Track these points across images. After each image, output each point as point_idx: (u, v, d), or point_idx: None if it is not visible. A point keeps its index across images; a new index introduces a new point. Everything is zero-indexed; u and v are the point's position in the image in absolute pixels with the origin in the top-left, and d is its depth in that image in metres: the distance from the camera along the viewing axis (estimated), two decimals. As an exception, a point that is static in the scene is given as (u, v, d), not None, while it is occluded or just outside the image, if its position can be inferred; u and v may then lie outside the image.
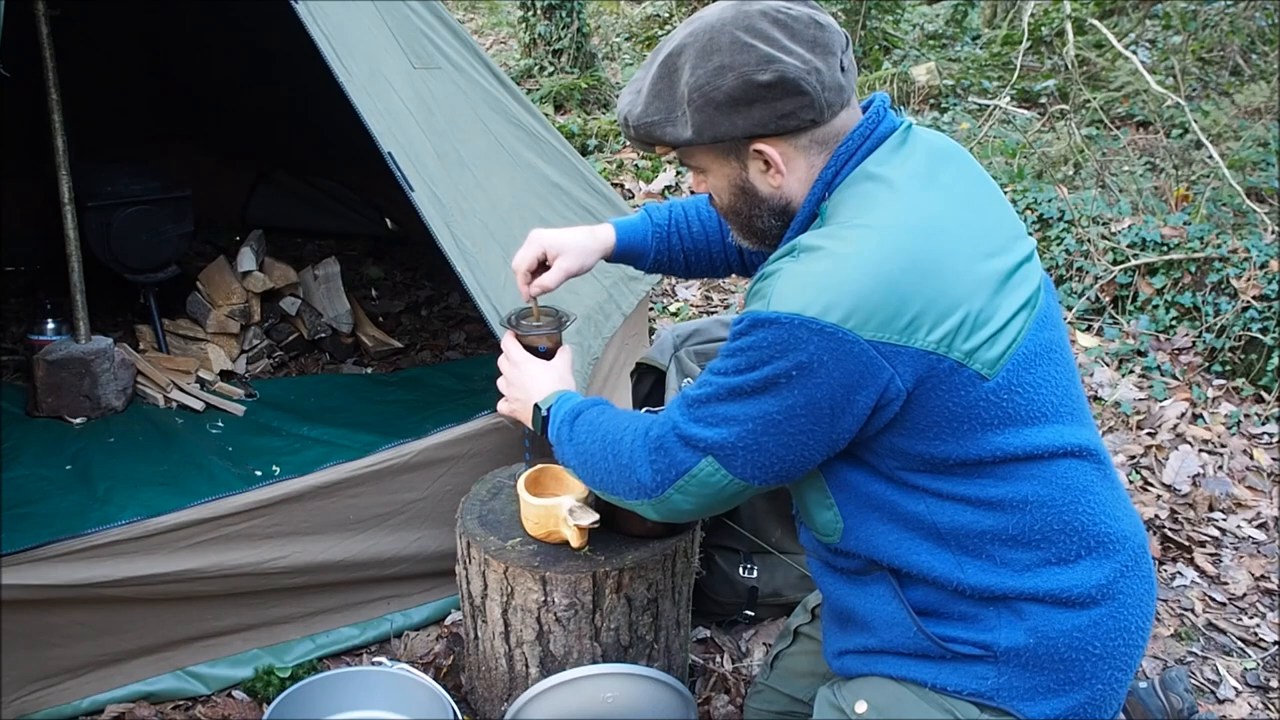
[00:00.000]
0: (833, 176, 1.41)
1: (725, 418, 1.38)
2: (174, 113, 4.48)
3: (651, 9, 8.95)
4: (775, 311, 1.31)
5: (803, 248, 1.36)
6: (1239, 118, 5.13)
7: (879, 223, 1.34)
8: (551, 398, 1.70)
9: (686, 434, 1.41)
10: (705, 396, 1.40)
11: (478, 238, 2.66)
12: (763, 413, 1.35)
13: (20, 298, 3.66)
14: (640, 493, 1.49)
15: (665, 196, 5.44)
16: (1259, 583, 2.83)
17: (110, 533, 2.17)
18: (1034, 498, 1.38)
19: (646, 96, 1.44)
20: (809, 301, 1.29)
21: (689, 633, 2.30)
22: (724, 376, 1.38)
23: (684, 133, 1.41)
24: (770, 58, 1.34)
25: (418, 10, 2.92)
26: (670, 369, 2.69)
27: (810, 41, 1.36)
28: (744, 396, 1.35)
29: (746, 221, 1.51)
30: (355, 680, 2.10)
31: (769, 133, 1.39)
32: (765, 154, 1.41)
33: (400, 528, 2.50)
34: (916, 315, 1.29)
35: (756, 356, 1.33)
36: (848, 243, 1.32)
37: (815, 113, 1.37)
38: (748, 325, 1.35)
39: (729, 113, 1.37)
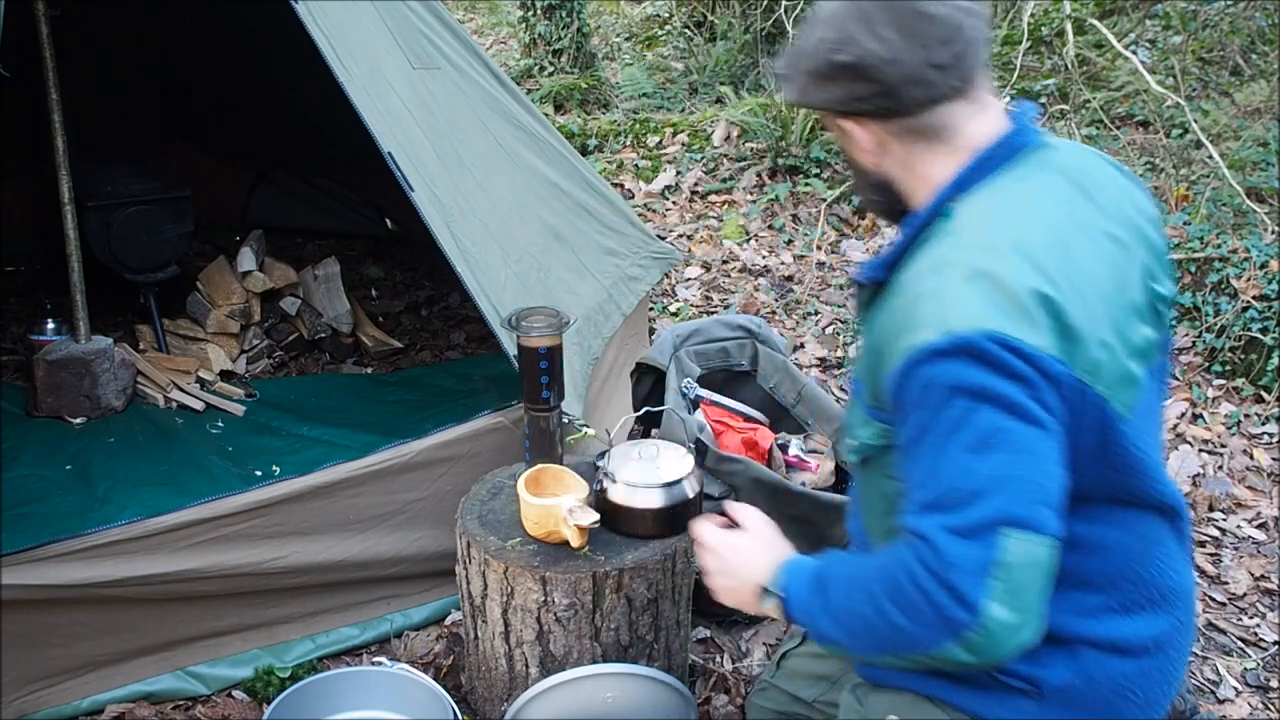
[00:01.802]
0: (966, 179, 1.35)
1: (992, 475, 1.20)
2: (174, 113, 4.47)
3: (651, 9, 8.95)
4: (953, 332, 1.20)
5: (950, 264, 1.27)
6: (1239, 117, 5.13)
7: (1027, 247, 1.27)
8: (778, 574, 1.45)
9: (964, 527, 1.20)
10: (949, 475, 1.22)
11: (478, 238, 2.66)
12: (1025, 438, 1.20)
13: (20, 298, 3.66)
14: (951, 628, 1.21)
15: (665, 196, 5.44)
16: (1259, 583, 2.82)
17: (110, 533, 2.17)
18: (1113, 544, 1.36)
19: (787, 55, 1.44)
20: (989, 316, 1.20)
21: (689, 633, 2.30)
22: (954, 437, 1.21)
23: (793, 94, 1.42)
24: (850, 40, 1.31)
25: (417, 10, 2.92)
26: (670, 369, 2.69)
27: (903, 30, 1.30)
28: (996, 435, 1.20)
29: (860, 189, 1.51)
30: (355, 680, 2.10)
31: (851, 111, 1.37)
32: (849, 131, 1.39)
33: (400, 528, 2.49)
34: (1074, 345, 1.24)
35: (972, 385, 1.20)
36: (1003, 262, 1.25)
37: (891, 102, 1.33)
38: (929, 361, 1.22)
39: (816, 85, 1.37)
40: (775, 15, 6.41)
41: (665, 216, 5.28)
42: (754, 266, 4.74)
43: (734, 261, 4.79)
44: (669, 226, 5.16)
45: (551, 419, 2.27)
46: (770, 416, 2.83)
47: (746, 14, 7.09)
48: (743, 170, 5.54)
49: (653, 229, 4.47)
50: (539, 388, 2.24)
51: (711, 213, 5.30)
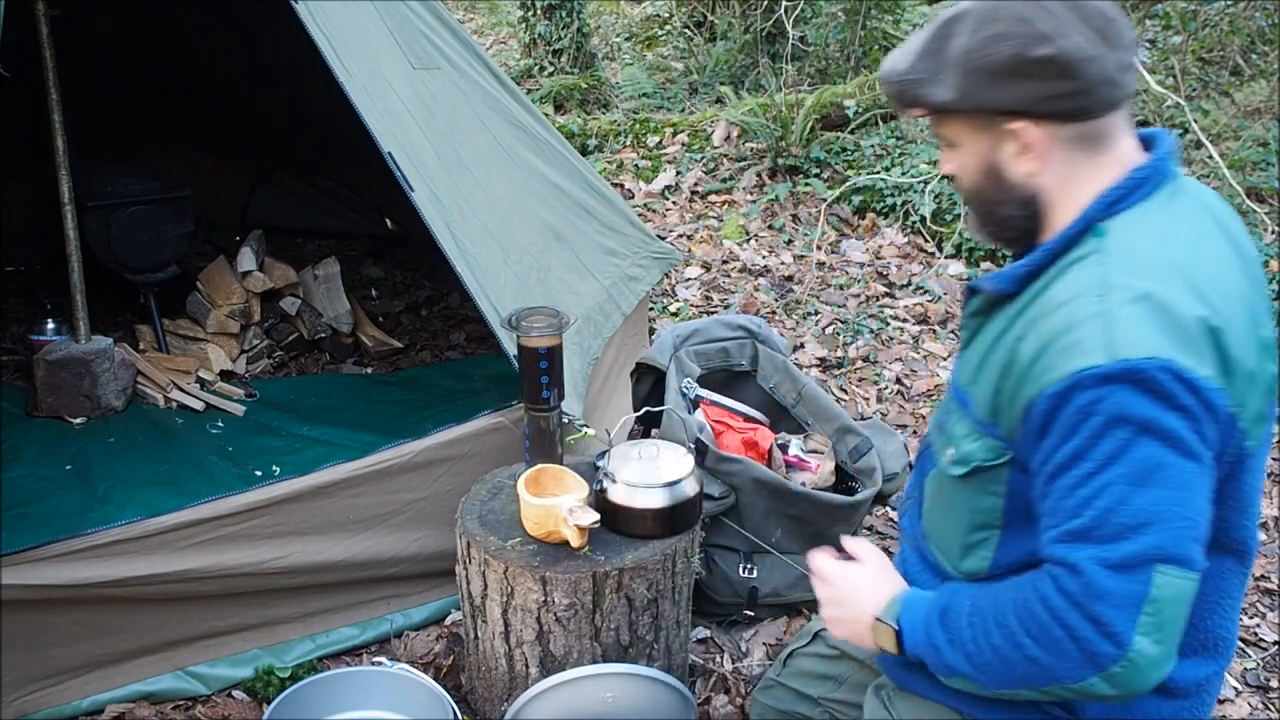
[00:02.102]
0: (1118, 199, 1.30)
1: (1150, 509, 1.18)
2: (174, 113, 4.47)
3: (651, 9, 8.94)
4: (1125, 358, 1.17)
5: (1114, 286, 1.22)
6: (1239, 117, 5.12)
7: (1187, 273, 1.24)
8: (893, 606, 1.42)
9: (1118, 561, 1.18)
10: (1105, 508, 1.19)
11: (478, 238, 2.66)
12: (1184, 472, 1.19)
13: (20, 298, 3.66)
14: (1096, 662, 1.20)
15: (665, 196, 5.44)
16: (1259, 583, 2.82)
17: (110, 533, 2.17)
18: None
19: (914, 56, 1.35)
20: (1160, 343, 1.17)
21: (689, 633, 2.30)
22: (1112, 467, 1.19)
23: (944, 95, 1.32)
24: (1050, 34, 1.25)
25: (417, 10, 2.92)
26: (670, 369, 2.69)
27: (1097, 29, 1.27)
28: (1156, 469, 1.18)
29: (988, 208, 1.40)
30: (355, 680, 2.10)
31: (1033, 113, 1.29)
32: (1023, 135, 1.31)
33: (400, 528, 2.49)
34: (1231, 377, 1.23)
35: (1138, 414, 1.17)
36: (1166, 286, 1.22)
37: (1085, 102, 1.28)
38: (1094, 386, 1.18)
39: (996, 82, 1.29)
40: (775, 15, 6.41)
41: (665, 216, 5.28)
42: (754, 266, 4.74)
43: (734, 261, 4.79)
44: (669, 226, 5.16)
45: (551, 419, 2.27)
46: (770, 416, 2.83)
47: (746, 14, 7.09)
48: (743, 170, 5.54)
49: (653, 229, 4.47)
50: (539, 388, 2.24)
51: (711, 213, 5.30)
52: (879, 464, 2.61)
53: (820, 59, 6.68)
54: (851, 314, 4.31)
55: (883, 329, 4.21)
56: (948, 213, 4.80)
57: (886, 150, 5.33)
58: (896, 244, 4.89)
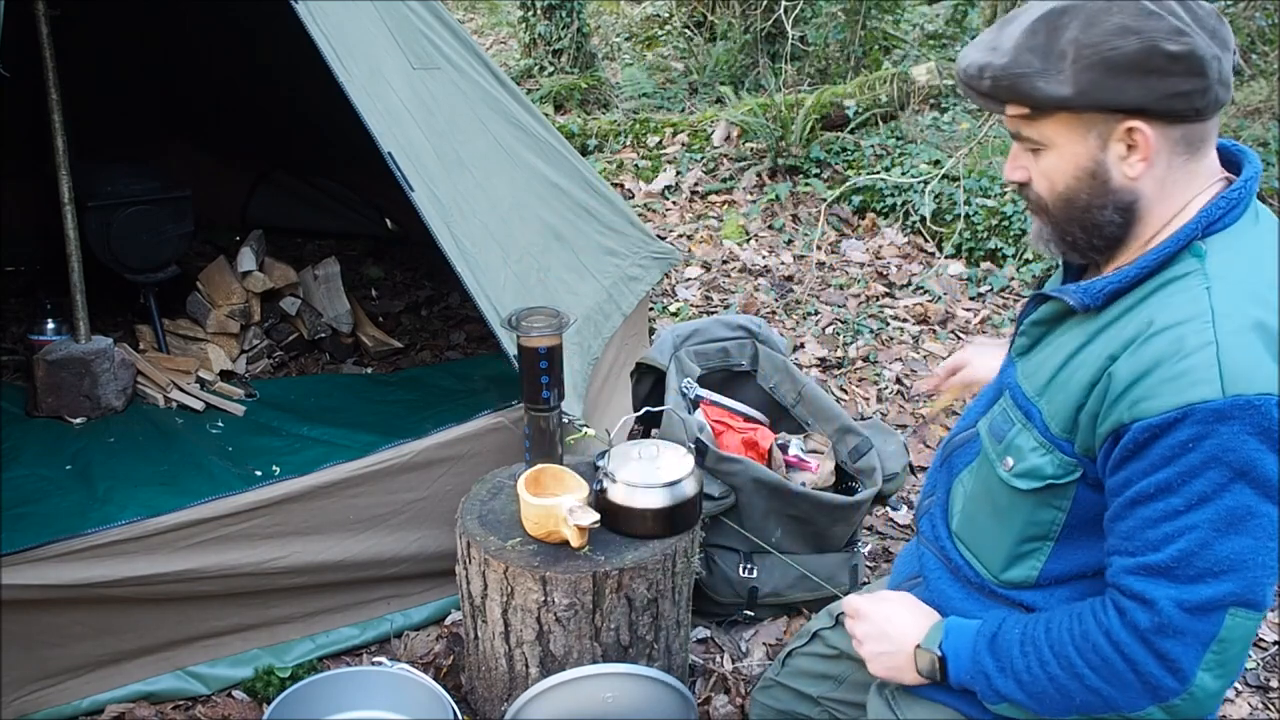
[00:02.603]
0: (1217, 218, 1.26)
1: (1234, 557, 1.17)
2: (174, 113, 4.47)
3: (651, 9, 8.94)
4: (1240, 394, 1.14)
5: (1223, 314, 1.19)
6: (1238, 117, 5.12)
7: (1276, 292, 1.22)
8: (936, 633, 1.42)
9: (1195, 603, 1.19)
10: (1190, 548, 1.19)
11: (477, 238, 2.66)
12: (1267, 530, 1.17)
13: (20, 298, 3.66)
14: (1157, 695, 1.23)
15: (665, 196, 5.44)
16: (1259, 583, 2.82)
17: (110, 533, 2.17)
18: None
19: (1014, 49, 1.26)
20: (1268, 377, 1.14)
21: (689, 633, 2.30)
22: (1201, 509, 1.17)
23: (1061, 90, 1.24)
24: (1181, 30, 1.21)
25: (417, 10, 2.92)
26: (670, 369, 2.69)
27: (1211, 30, 1.24)
28: (1245, 518, 1.16)
29: (1080, 214, 1.31)
30: (355, 680, 2.10)
31: (1154, 111, 1.23)
32: (1139, 134, 1.24)
33: (400, 528, 2.49)
34: None
35: (1239, 458, 1.15)
36: (1272, 312, 1.19)
37: (1205, 102, 1.23)
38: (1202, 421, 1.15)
39: (1122, 77, 1.21)
40: (775, 15, 6.42)
41: (665, 216, 5.28)
42: (754, 266, 4.74)
43: (734, 261, 4.79)
44: (669, 226, 5.16)
45: (551, 419, 2.27)
46: (770, 416, 2.83)
47: (746, 14, 7.09)
48: (743, 170, 5.54)
49: (653, 229, 4.47)
50: (539, 388, 2.24)
51: (711, 213, 5.30)
52: (879, 464, 2.61)
53: (820, 59, 6.68)
54: (851, 314, 4.31)
55: (883, 329, 4.21)
56: (947, 213, 4.80)
57: (886, 150, 5.33)
58: (896, 244, 4.89)
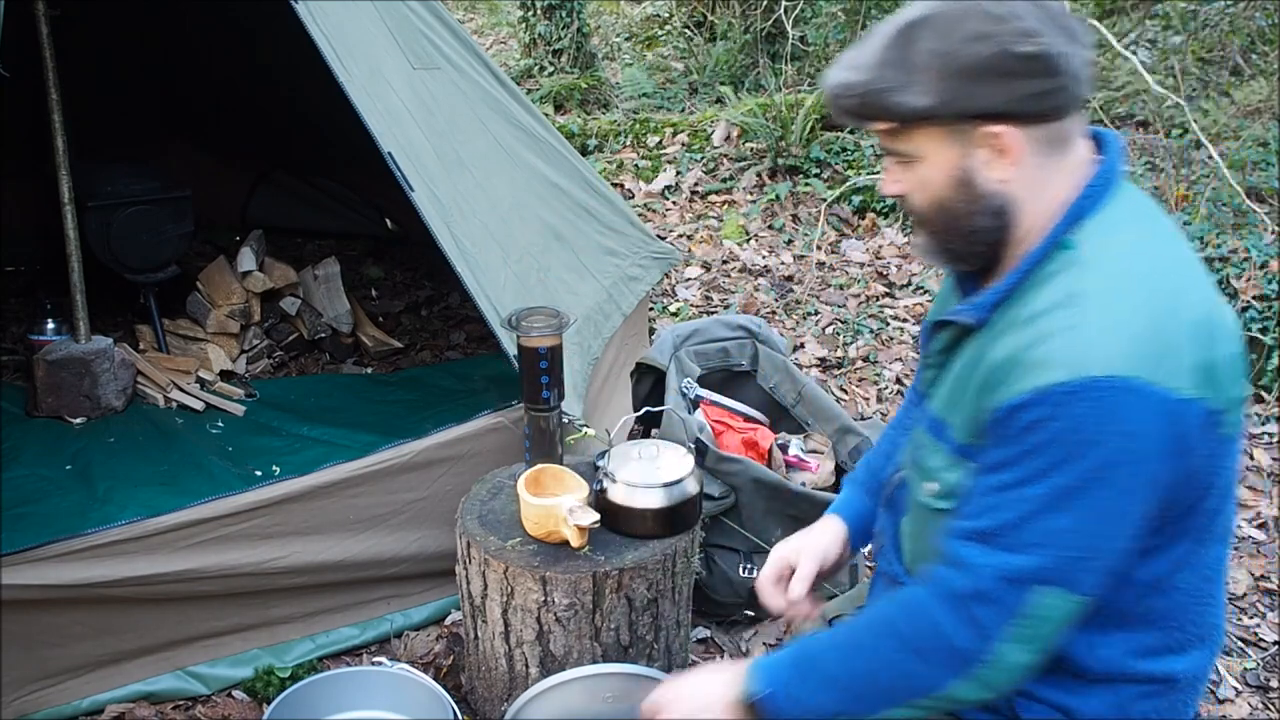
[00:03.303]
0: (1085, 209, 1.28)
1: (1057, 531, 1.19)
2: (174, 113, 4.48)
3: (651, 9, 8.95)
4: (1091, 377, 1.15)
5: (1086, 296, 1.20)
6: (1239, 117, 5.13)
7: (1154, 270, 1.23)
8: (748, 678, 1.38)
9: (1009, 570, 1.20)
10: (1017, 518, 1.20)
11: (477, 238, 2.66)
12: (1106, 507, 1.18)
13: (20, 298, 3.66)
14: (959, 665, 1.24)
15: (665, 196, 5.44)
16: (1259, 583, 2.82)
17: (110, 533, 2.17)
18: (1182, 584, 1.33)
19: (873, 65, 1.28)
20: (1129, 358, 1.15)
21: (689, 633, 2.30)
22: (1035, 485, 1.19)
23: (920, 101, 1.25)
24: (1032, 31, 1.22)
25: (417, 10, 2.92)
26: (670, 369, 2.69)
27: (1063, 27, 1.25)
28: (1076, 495, 1.18)
29: (955, 221, 1.33)
30: (355, 680, 2.10)
31: (1015, 113, 1.25)
32: (1002, 139, 1.26)
33: (400, 528, 2.49)
34: (1212, 371, 1.20)
35: (1079, 438, 1.16)
36: (1136, 292, 1.21)
37: (1064, 100, 1.25)
38: (1053, 406, 1.16)
39: (978, 82, 1.23)
40: (775, 15, 6.42)
41: (665, 216, 5.28)
42: (754, 266, 4.74)
43: (734, 261, 4.79)
44: (669, 226, 5.16)
45: (551, 419, 2.27)
46: (770, 416, 2.83)
47: (746, 14, 7.09)
48: (743, 170, 5.54)
49: (653, 229, 4.47)
50: (539, 388, 2.24)
51: (711, 213, 5.30)
52: (879, 464, 2.60)
53: (820, 59, 6.67)
54: (851, 314, 4.31)
55: (883, 329, 4.21)
56: (948, 213, 4.80)
57: (886, 150, 5.33)
58: (896, 244, 4.89)
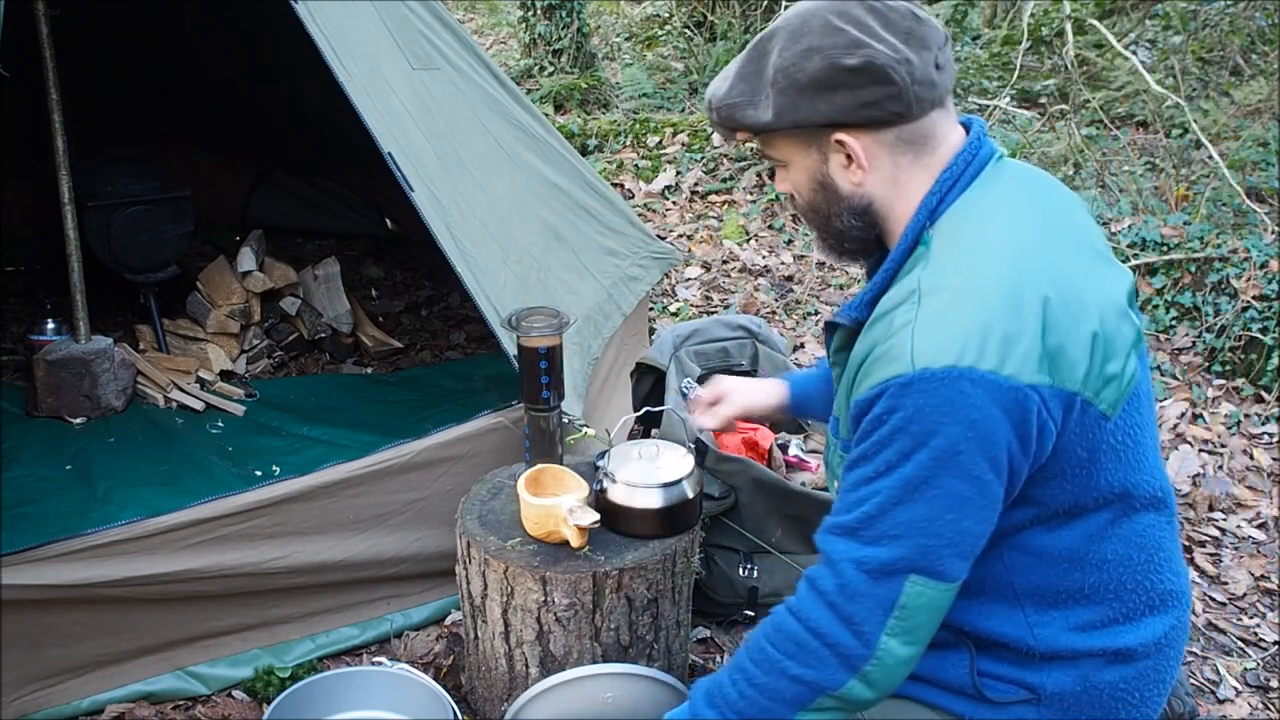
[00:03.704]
0: (937, 203, 1.33)
1: (911, 521, 1.23)
2: (174, 113, 4.48)
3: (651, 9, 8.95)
4: (924, 368, 1.19)
5: (925, 291, 1.25)
6: (1239, 117, 5.13)
7: (1001, 255, 1.26)
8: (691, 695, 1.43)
9: (873, 564, 1.25)
10: (874, 510, 1.25)
11: (477, 238, 2.66)
12: (953, 493, 1.21)
13: (20, 298, 3.66)
14: (850, 664, 1.28)
15: (665, 196, 5.44)
16: (1259, 583, 2.82)
17: (110, 533, 2.17)
18: (1113, 556, 1.36)
19: (733, 79, 1.38)
20: (963, 348, 1.18)
21: (689, 633, 2.30)
22: (885, 477, 1.23)
23: (764, 115, 1.33)
24: (859, 42, 1.28)
25: (417, 11, 2.92)
26: (670, 369, 2.69)
27: (905, 33, 1.30)
28: (924, 485, 1.22)
29: (825, 221, 1.41)
30: (355, 680, 2.10)
31: (852, 122, 1.31)
32: (847, 145, 1.32)
33: (400, 528, 2.49)
34: (1059, 354, 1.22)
35: (919, 429, 1.20)
36: (976, 278, 1.24)
37: (902, 105, 1.30)
38: (893, 398, 1.21)
39: (811, 96, 1.30)
40: (775, 15, 6.41)
41: (665, 216, 5.28)
42: (754, 266, 4.74)
43: (734, 261, 4.79)
44: (669, 226, 5.16)
45: (551, 419, 2.27)
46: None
47: (746, 14, 7.09)
48: (743, 170, 5.54)
49: (653, 229, 4.47)
50: (539, 388, 2.24)
51: (711, 213, 5.30)
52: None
53: (820, 59, 6.67)
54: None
55: (883, 329, 4.20)
56: (948, 213, 4.79)
57: (886, 150, 5.33)
58: (896, 244, 4.89)
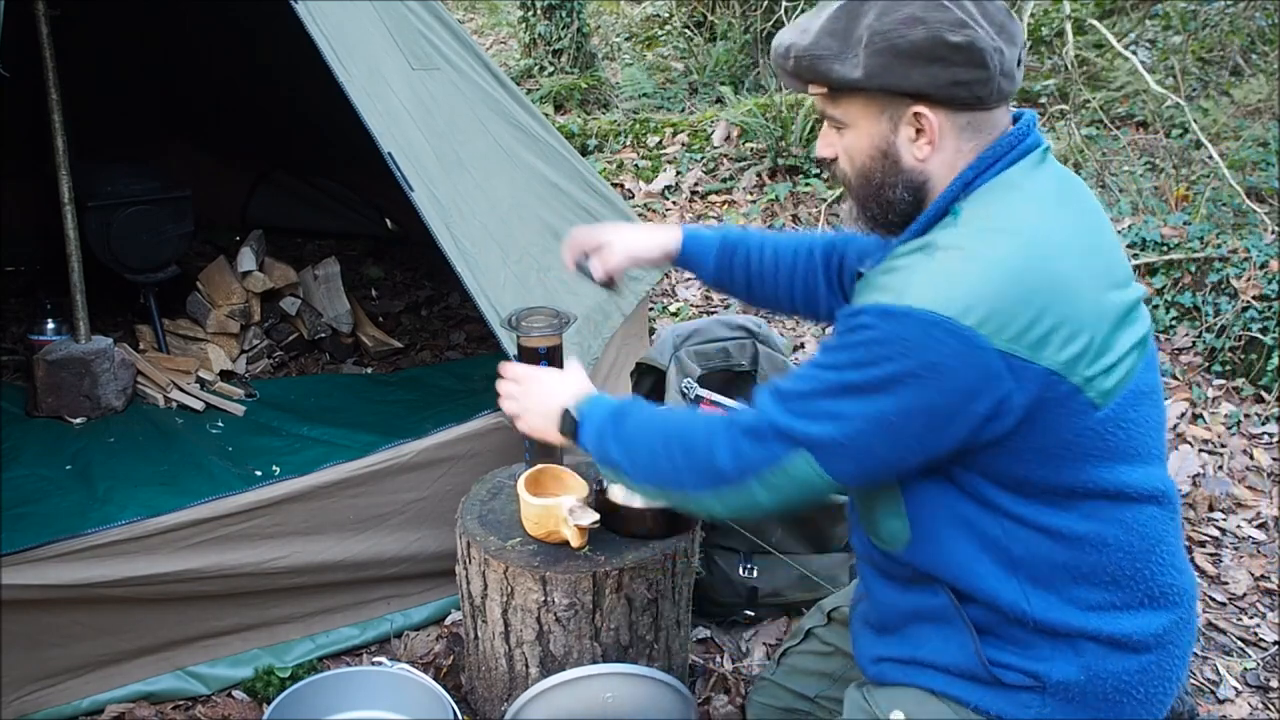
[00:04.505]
0: (974, 177, 1.37)
1: (831, 413, 1.31)
2: (174, 113, 4.48)
3: (651, 9, 8.95)
4: (909, 305, 1.25)
5: (939, 245, 1.31)
6: (1239, 117, 5.13)
7: (1021, 232, 1.31)
8: (583, 400, 1.62)
9: (782, 426, 1.34)
10: (808, 390, 1.34)
11: (477, 238, 2.66)
12: (877, 412, 1.29)
13: (20, 298, 3.66)
14: (714, 481, 1.41)
15: (665, 196, 5.44)
16: (1259, 583, 2.82)
17: (110, 533, 2.17)
18: (1113, 540, 1.37)
19: (818, 32, 1.37)
20: (948, 300, 1.24)
21: (689, 633, 2.30)
22: (834, 371, 1.32)
23: (853, 73, 1.34)
24: (964, 22, 1.30)
25: (416, 11, 2.92)
26: (670, 369, 2.69)
27: (999, 25, 1.33)
28: (858, 393, 1.29)
29: (875, 191, 1.43)
30: (355, 680, 2.10)
31: (938, 98, 1.34)
32: (925, 119, 1.35)
33: (400, 528, 2.49)
34: (1049, 331, 1.26)
35: (880, 351, 1.27)
36: (990, 246, 1.29)
37: (987, 91, 1.34)
38: (873, 317, 1.28)
39: (908, 64, 1.32)
40: (775, 15, 6.42)
41: (665, 216, 5.28)
42: (754, 266, 4.73)
43: (734, 261, 4.78)
44: (669, 226, 5.15)
45: (551, 419, 2.27)
46: (770, 416, 2.83)
47: (746, 14, 7.09)
48: (743, 170, 5.54)
49: (653, 229, 4.45)
50: (539, 388, 2.23)
51: (711, 213, 5.30)
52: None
53: (820, 59, 6.67)
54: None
55: (883, 329, 4.20)
56: (948, 213, 4.79)
57: (886, 150, 5.33)
58: (896, 244, 4.89)
